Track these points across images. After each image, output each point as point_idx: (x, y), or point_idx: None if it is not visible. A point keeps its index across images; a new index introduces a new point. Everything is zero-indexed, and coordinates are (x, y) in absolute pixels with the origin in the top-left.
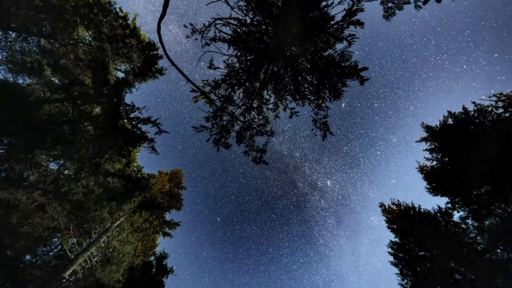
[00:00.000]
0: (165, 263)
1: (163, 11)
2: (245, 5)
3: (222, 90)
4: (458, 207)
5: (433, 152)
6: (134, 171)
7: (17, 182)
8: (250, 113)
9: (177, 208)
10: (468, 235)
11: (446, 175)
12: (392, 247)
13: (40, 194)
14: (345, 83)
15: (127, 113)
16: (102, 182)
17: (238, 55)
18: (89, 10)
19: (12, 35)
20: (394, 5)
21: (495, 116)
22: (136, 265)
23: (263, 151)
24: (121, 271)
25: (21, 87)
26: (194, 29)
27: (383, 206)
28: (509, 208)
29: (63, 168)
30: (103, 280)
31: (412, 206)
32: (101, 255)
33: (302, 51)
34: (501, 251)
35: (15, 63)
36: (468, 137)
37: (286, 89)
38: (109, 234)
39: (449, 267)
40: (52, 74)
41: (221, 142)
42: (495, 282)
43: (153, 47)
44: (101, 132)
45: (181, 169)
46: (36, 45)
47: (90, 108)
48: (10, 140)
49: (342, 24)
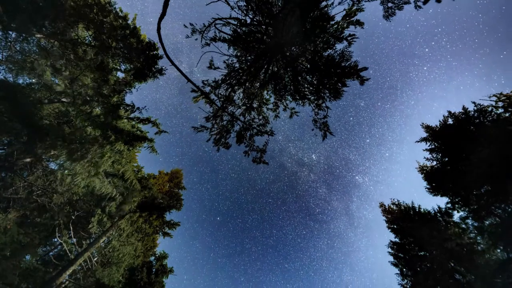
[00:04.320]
0: (165, 263)
1: (163, 11)
2: (245, 5)
3: (222, 90)
4: (458, 207)
5: (433, 152)
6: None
7: (17, 182)
8: (250, 113)
9: (177, 208)
10: (468, 235)
11: (446, 175)
12: (392, 247)
13: (40, 194)
14: (345, 83)
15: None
16: (102, 181)
17: (238, 55)
18: (89, 10)
19: (12, 35)
20: (394, 5)
21: (495, 116)
22: (136, 265)
23: (263, 151)
24: (121, 271)
25: (21, 87)
26: (194, 29)
27: (383, 206)
28: (509, 208)
29: (63, 168)
30: (103, 280)
31: (412, 206)
32: (101, 255)
33: (302, 51)
34: (501, 251)
35: (15, 63)
36: (468, 137)
37: (286, 89)
38: (109, 234)
39: (449, 267)
40: (52, 74)
41: (221, 142)
42: (495, 282)
43: (153, 47)
44: (101, 132)
45: (181, 169)
46: (36, 45)
47: (90, 108)
48: (10, 140)
49: (342, 24)
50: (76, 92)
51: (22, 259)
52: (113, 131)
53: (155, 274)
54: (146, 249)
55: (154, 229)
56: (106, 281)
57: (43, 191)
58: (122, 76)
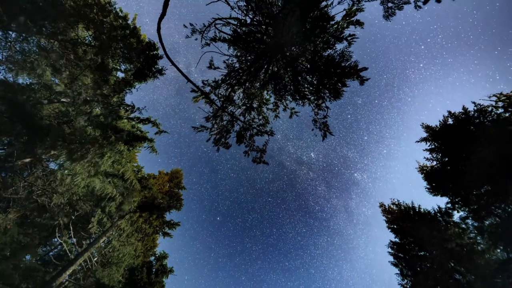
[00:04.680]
0: (165, 263)
1: (163, 11)
2: (245, 5)
3: (222, 90)
4: (458, 207)
5: (433, 152)
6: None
7: (17, 182)
8: (250, 113)
9: (177, 208)
10: (468, 235)
11: (446, 175)
12: (392, 247)
13: (40, 194)
14: (345, 83)
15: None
16: (102, 181)
17: (238, 55)
18: (89, 10)
19: (12, 35)
20: (394, 5)
21: (495, 116)
22: (136, 265)
23: (263, 151)
24: (121, 271)
25: (21, 87)
26: (194, 29)
27: (383, 206)
28: (509, 208)
29: (63, 168)
30: (103, 280)
31: (412, 206)
32: (101, 255)
33: (302, 51)
34: (501, 251)
35: (15, 63)
36: (468, 137)
37: (286, 89)
38: (109, 234)
39: (449, 267)
40: (52, 74)
41: (221, 142)
42: (495, 282)
43: (153, 47)
44: (101, 132)
45: (181, 169)
46: (36, 45)
47: (90, 108)
48: (10, 140)
49: (342, 24)
50: (76, 92)
51: (22, 259)
52: (113, 131)
53: (155, 274)
54: (146, 249)
55: (154, 229)
56: (106, 281)
57: (43, 191)
58: (122, 76)
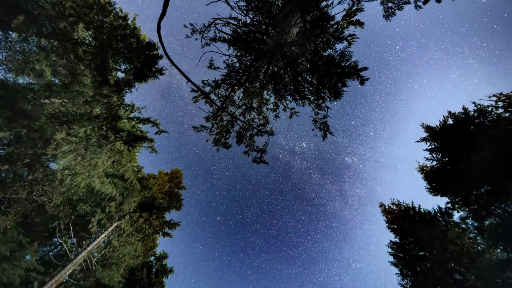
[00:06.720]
0: (165, 263)
1: (163, 11)
2: (245, 5)
3: (222, 90)
4: (458, 207)
5: (433, 152)
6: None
7: (17, 182)
8: (250, 113)
9: (177, 208)
10: (468, 235)
11: (446, 175)
12: (392, 247)
13: (40, 194)
14: (345, 83)
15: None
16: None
17: (238, 55)
18: (89, 10)
19: (12, 35)
20: (394, 5)
21: (495, 116)
22: (136, 265)
23: (263, 151)
24: (121, 271)
25: (21, 87)
26: (194, 29)
27: (383, 206)
28: (509, 208)
29: (63, 168)
30: (103, 280)
31: (412, 206)
32: (101, 255)
33: (302, 51)
34: (501, 251)
35: (15, 63)
36: (468, 137)
37: (286, 89)
38: (109, 234)
39: (449, 267)
40: (52, 74)
41: (221, 142)
42: (495, 282)
43: (153, 47)
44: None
45: (181, 169)
46: (36, 45)
47: (90, 108)
48: (10, 140)
49: (342, 24)
50: (76, 92)
51: (22, 259)
52: (113, 131)
53: (155, 274)
54: (146, 249)
55: (154, 229)
56: (106, 281)
57: (43, 191)
58: (122, 76)
